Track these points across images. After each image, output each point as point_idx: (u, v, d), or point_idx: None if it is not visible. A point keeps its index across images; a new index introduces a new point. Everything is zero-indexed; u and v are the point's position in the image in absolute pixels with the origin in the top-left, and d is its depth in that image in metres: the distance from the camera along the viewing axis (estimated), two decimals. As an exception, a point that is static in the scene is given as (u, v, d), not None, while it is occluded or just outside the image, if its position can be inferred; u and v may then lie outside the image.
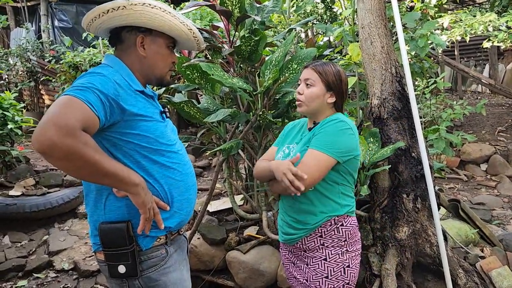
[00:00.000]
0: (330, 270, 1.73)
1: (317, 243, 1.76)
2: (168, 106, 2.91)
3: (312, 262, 1.77)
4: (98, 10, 1.44)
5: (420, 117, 5.88)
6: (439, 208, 2.83)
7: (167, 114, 1.62)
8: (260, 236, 3.12)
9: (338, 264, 1.74)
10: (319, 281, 1.74)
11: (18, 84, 8.39)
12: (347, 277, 1.75)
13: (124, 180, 1.34)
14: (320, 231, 1.75)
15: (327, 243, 1.75)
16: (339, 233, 1.75)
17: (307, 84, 1.76)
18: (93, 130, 1.29)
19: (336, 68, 1.78)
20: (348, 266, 1.76)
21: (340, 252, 1.75)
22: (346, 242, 1.76)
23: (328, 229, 1.74)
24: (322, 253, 1.75)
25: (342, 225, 1.76)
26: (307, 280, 1.78)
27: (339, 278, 1.74)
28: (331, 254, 1.74)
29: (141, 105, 1.45)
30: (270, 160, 1.90)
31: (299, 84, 1.82)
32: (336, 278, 1.74)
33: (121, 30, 1.52)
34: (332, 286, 1.73)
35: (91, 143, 1.25)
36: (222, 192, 4.53)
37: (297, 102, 1.80)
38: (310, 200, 1.72)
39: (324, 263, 1.74)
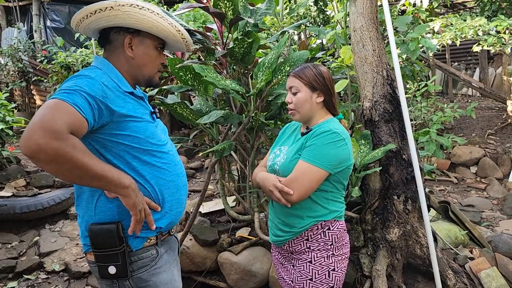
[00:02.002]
0: (315, 272, 1.74)
1: (303, 246, 1.77)
2: (159, 107, 2.92)
3: (298, 264, 1.78)
4: (85, 10, 1.44)
5: (411, 120, 5.94)
6: (429, 210, 2.86)
7: (157, 115, 1.62)
8: (252, 238, 3.13)
9: (322, 267, 1.75)
10: (303, 283, 1.76)
11: (9, 84, 8.32)
12: (332, 281, 1.76)
13: (113, 182, 1.34)
14: (306, 234, 1.76)
15: (313, 246, 1.76)
16: (326, 237, 1.76)
17: (293, 92, 1.78)
18: (81, 132, 1.29)
19: (317, 68, 1.78)
20: (334, 270, 1.76)
21: (326, 255, 1.75)
22: (332, 246, 1.76)
23: (315, 232, 1.75)
24: (308, 255, 1.76)
25: (328, 229, 1.76)
26: (292, 281, 1.80)
27: (323, 281, 1.75)
28: (317, 257, 1.75)
29: (130, 106, 1.45)
30: (265, 165, 1.92)
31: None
32: (320, 281, 1.74)
33: (109, 31, 1.52)
34: None
35: (80, 145, 1.25)
36: (215, 193, 4.54)
37: (289, 112, 1.82)
38: (299, 205, 1.73)
39: (309, 265, 1.75)
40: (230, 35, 2.87)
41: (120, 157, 1.44)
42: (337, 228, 1.78)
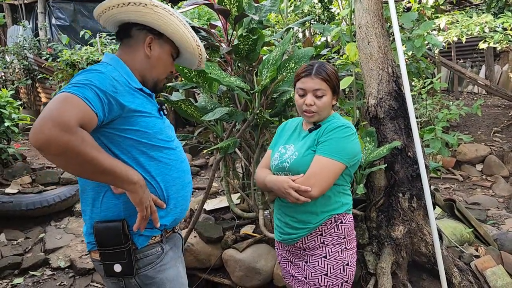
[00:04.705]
0: (330, 267, 1.75)
1: (318, 242, 1.77)
2: (166, 104, 2.92)
3: (312, 260, 1.78)
4: (117, 0, 1.45)
5: (417, 117, 5.91)
6: (434, 208, 2.84)
7: (165, 112, 1.62)
8: (256, 235, 3.13)
9: (337, 262, 1.76)
10: (318, 278, 1.76)
11: (15, 82, 8.35)
12: (346, 275, 1.77)
13: (121, 178, 1.33)
14: (320, 229, 1.76)
15: (327, 241, 1.76)
16: (339, 230, 1.77)
17: (318, 95, 1.74)
18: (90, 127, 1.28)
19: (333, 69, 1.79)
20: (347, 264, 1.78)
21: (340, 250, 1.77)
22: (345, 239, 1.78)
23: (329, 227, 1.76)
24: (322, 250, 1.76)
25: (341, 222, 1.78)
26: (305, 278, 1.79)
27: (338, 276, 1.75)
28: (331, 252, 1.76)
29: (139, 101, 1.45)
30: (268, 166, 1.90)
31: (301, 91, 1.76)
32: (336, 275, 1.75)
33: (131, 26, 1.53)
34: (331, 283, 1.75)
35: (89, 140, 1.24)
36: (219, 190, 4.54)
37: (308, 114, 1.76)
38: (314, 200, 1.72)
39: (324, 260, 1.76)
40: (234, 32, 2.87)
41: (128, 152, 1.43)
42: (348, 221, 1.80)
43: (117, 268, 1.44)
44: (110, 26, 1.59)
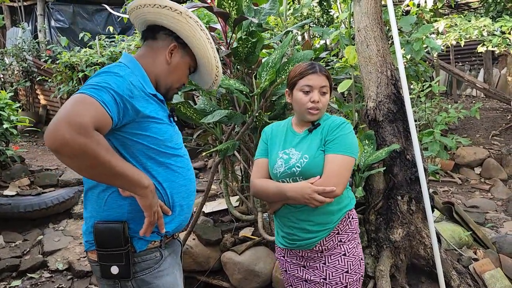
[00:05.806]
0: (350, 264, 1.77)
1: (336, 241, 1.77)
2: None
3: (331, 259, 1.78)
4: (156, 0, 1.46)
5: (415, 120, 5.92)
6: (433, 211, 2.85)
7: (175, 118, 1.61)
8: (255, 237, 3.13)
9: (355, 258, 1.79)
10: (340, 277, 1.76)
11: (14, 83, 8.34)
12: (362, 270, 1.81)
13: (133, 182, 1.32)
14: (337, 228, 1.77)
15: (343, 238, 1.78)
16: (352, 226, 1.80)
17: (323, 92, 1.74)
18: (105, 130, 1.28)
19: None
20: (361, 259, 1.82)
21: (355, 245, 1.80)
22: (356, 234, 1.83)
23: (344, 224, 1.78)
24: (341, 249, 1.77)
25: (352, 218, 1.81)
26: (325, 279, 1.77)
27: (356, 271, 1.78)
28: (349, 249, 1.78)
29: (153, 107, 1.45)
30: (266, 175, 1.83)
31: (308, 87, 1.73)
32: (355, 271, 1.78)
33: (159, 29, 1.55)
34: (352, 279, 1.77)
35: (104, 143, 1.24)
36: (218, 193, 4.53)
37: (313, 112, 1.74)
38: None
39: (344, 258, 1.77)
40: (234, 35, 2.87)
41: (136, 157, 1.42)
42: (355, 216, 1.84)
43: (114, 270, 1.42)
44: (138, 24, 1.61)
